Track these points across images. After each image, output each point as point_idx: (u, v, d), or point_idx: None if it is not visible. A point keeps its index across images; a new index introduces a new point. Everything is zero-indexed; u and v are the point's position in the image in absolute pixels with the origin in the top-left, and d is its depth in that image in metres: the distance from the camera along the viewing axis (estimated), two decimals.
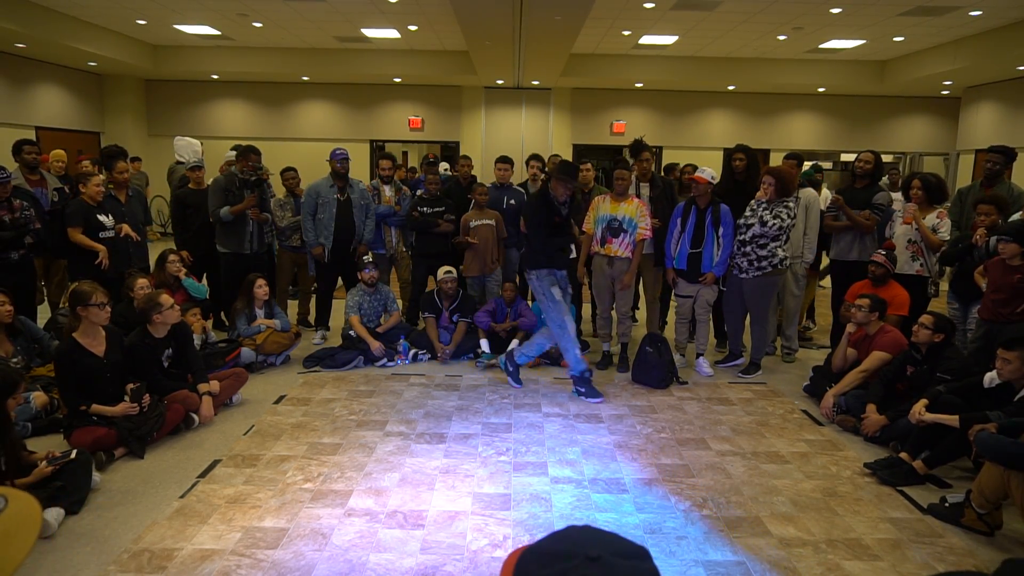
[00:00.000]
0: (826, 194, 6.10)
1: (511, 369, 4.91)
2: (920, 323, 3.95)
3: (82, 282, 3.76)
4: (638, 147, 5.45)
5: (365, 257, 5.53)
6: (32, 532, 0.80)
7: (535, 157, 6.43)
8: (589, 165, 6.02)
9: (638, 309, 6.59)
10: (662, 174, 6.29)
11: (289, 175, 6.45)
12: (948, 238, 4.86)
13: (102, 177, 5.21)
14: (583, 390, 4.64)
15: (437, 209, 5.89)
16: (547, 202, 4.67)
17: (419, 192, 6.23)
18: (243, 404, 4.47)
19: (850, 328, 4.51)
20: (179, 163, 7.27)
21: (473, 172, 6.93)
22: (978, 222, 4.57)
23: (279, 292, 6.23)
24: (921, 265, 4.96)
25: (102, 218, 5.01)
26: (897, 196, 5.55)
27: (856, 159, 5.48)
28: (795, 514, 3.15)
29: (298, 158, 11.47)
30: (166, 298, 4.06)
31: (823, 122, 13.15)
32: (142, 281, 4.74)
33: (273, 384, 4.87)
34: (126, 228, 5.16)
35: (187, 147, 7.16)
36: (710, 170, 5.05)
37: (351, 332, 5.36)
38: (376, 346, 5.29)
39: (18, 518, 0.79)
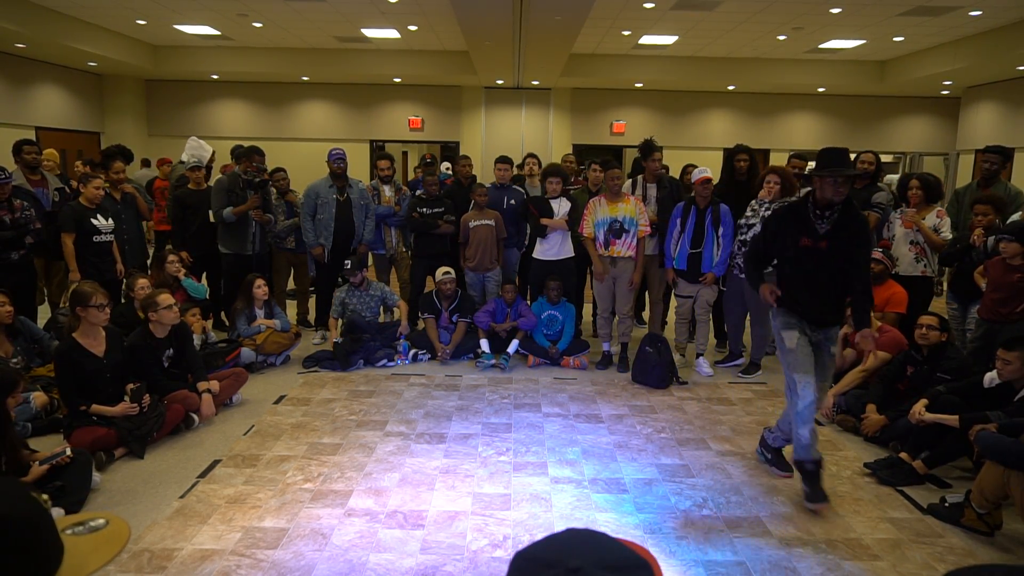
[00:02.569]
0: None
1: (769, 456, 3.64)
2: (927, 325, 3.91)
3: (83, 282, 3.77)
4: (648, 147, 5.42)
5: (346, 262, 5.52)
6: (113, 549, 0.90)
7: (532, 156, 6.43)
8: (598, 165, 5.95)
9: (643, 311, 6.57)
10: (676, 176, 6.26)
11: (279, 176, 6.24)
12: (950, 236, 4.86)
13: (101, 179, 5.22)
14: (807, 490, 3.20)
15: (436, 210, 5.88)
16: (797, 217, 3.24)
17: (418, 192, 6.21)
18: (243, 404, 4.47)
19: (845, 330, 4.52)
20: (181, 162, 7.27)
21: (474, 172, 6.91)
22: (975, 222, 4.58)
23: (277, 292, 6.22)
24: (925, 266, 4.95)
25: (97, 221, 5.02)
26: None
27: (857, 160, 5.44)
28: (795, 514, 3.15)
29: (298, 158, 11.52)
30: (164, 297, 4.03)
31: (823, 122, 13.15)
32: (142, 281, 4.75)
33: (273, 384, 4.87)
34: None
35: (198, 148, 7.07)
36: (708, 170, 5.05)
37: (337, 340, 5.35)
38: (334, 335, 5.45)
39: (108, 536, 0.90)
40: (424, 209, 5.87)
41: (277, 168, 6.33)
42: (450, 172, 8.60)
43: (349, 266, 5.51)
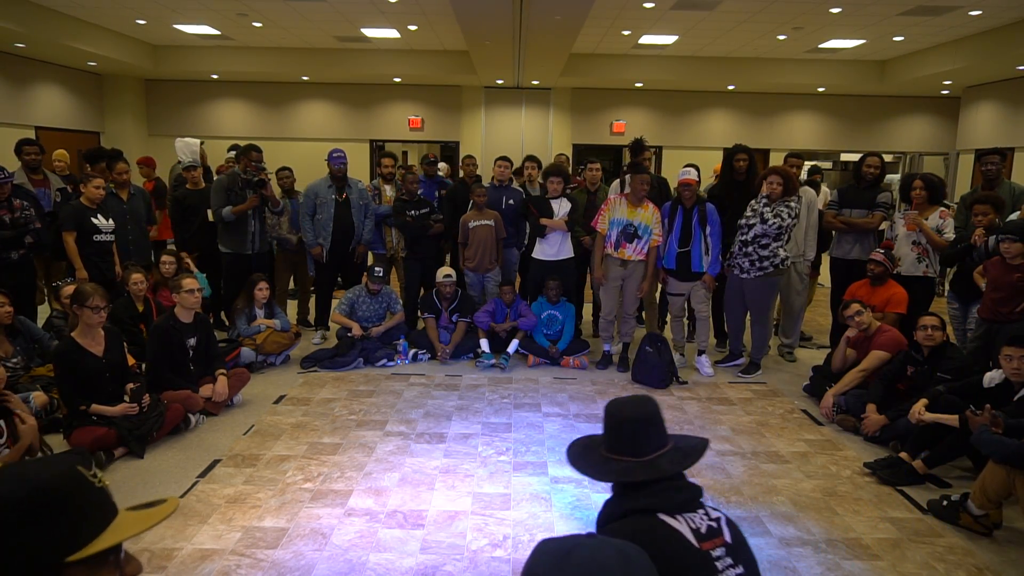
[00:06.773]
0: (825, 192, 6.09)
1: None
2: (930, 325, 3.90)
3: (87, 283, 3.77)
4: (639, 147, 5.44)
5: (377, 269, 5.52)
6: (155, 518, 1.09)
7: (531, 158, 6.38)
8: (598, 164, 5.97)
9: (642, 310, 6.56)
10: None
11: (284, 175, 6.37)
12: (953, 237, 4.84)
13: (102, 179, 5.22)
14: None
15: (422, 211, 5.83)
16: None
17: (399, 194, 5.98)
18: (243, 404, 4.46)
19: (849, 333, 4.50)
20: (179, 163, 7.27)
21: (478, 172, 6.88)
22: (975, 222, 4.58)
23: (278, 292, 6.22)
24: (927, 266, 4.94)
25: (97, 221, 5.02)
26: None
27: (864, 164, 5.34)
28: (795, 514, 3.15)
29: (298, 158, 11.51)
30: (189, 282, 4.17)
31: (823, 122, 13.14)
32: (137, 276, 4.75)
33: (273, 384, 4.87)
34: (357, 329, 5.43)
35: (185, 147, 7.13)
36: (693, 170, 5.06)
37: (348, 333, 5.37)
38: (356, 329, 5.36)
39: (158, 509, 1.10)
40: (412, 211, 5.82)
41: (283, 167, 6.40)
42: (443, 174, 8.53)
43: (380, 274, 5.53)
